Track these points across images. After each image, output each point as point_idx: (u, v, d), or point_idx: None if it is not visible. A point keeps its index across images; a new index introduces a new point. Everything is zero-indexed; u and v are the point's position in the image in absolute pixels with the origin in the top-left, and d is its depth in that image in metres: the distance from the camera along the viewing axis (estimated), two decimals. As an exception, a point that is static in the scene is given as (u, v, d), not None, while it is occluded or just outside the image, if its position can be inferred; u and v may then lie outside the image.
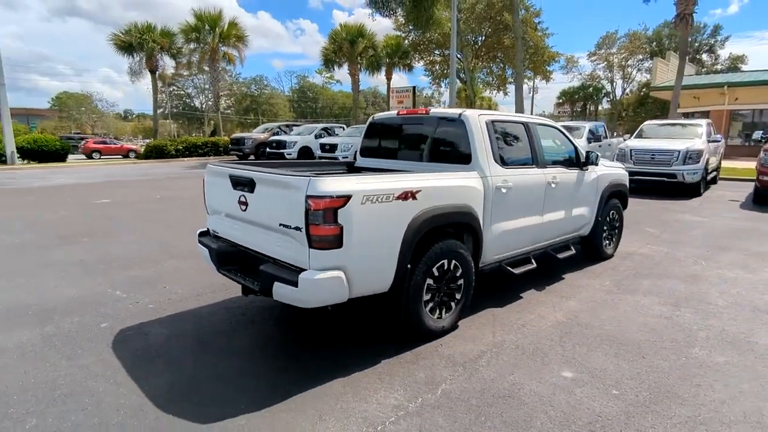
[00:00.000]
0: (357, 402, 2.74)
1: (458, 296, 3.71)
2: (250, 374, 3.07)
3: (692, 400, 2.75)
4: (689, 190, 11.02)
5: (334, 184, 2.82)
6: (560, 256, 4.89)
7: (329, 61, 31.25)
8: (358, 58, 30.81)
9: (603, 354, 3.34)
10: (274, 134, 23.98)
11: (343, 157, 17.74)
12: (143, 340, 3.56)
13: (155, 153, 24.14)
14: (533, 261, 4.49)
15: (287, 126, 24.95)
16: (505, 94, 35.01)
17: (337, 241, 2.83)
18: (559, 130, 5.01)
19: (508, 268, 4.25)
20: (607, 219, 5.61)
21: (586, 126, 14.05)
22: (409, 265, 3.24)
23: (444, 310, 3.62)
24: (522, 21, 27.11)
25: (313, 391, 2.85)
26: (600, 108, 61.20)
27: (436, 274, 3.48)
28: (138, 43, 25.10)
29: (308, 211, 2.78)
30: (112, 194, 11.57)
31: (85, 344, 3.47)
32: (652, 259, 5.76)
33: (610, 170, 5.56)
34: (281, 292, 2.92)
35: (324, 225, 2.78)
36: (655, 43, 51.26)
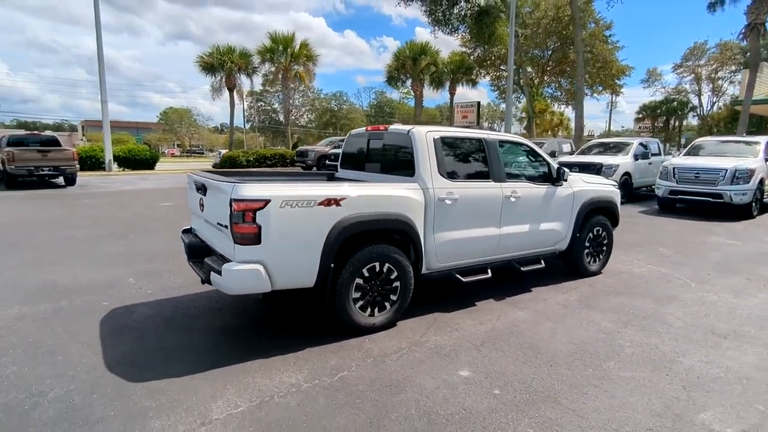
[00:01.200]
0: (262, 378, 3.14)
1: (393, 297, 3.99)
2: (193, 350, 3.58)
3: (566, 406, 2.84)
4: (739, 213, 10.15)
5: (254, 190, 3.28)
6: (524, 269, 4.95)
7: (392, 78, 32.18)
8: (421, 74, 31.38)
9: (512, 360, 3.46)
10: (335, 147, 25.14)
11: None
12: (127, 317, 4.23)
13: (228, 163, 26.26)
14: (489, 272, 4.63)
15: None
16: (574, 109, 33.70)
17: (256, 239, 3.28)
18: (530, 147, 5.10)
19: (458, 276, 4.44)
20: (590, 236, 5.53)
21: (634, 143, 13.37)
22: (332, 265, 3.60)
23: (377, 308, 3.92)
24: (590, 35, 26.25)
25: (233, 367, 3.30)
26: (685, 123, 56.54)
27: (367, 274, 3.81)
28: (219, 64, 27.68)
29: (232, 212, 3.26)
30: (175, 198, 12.96)
31: (83, 317, 4.20)
32: (640, 279, 5.57)
33: (590, 187, 5.50)
34: (214, 280, 3.42)
35: (243, 224, 3.25)
36: (749, 54, 46.55)
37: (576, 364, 3.39)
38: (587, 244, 5.54)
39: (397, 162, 4.47)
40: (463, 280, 4.45)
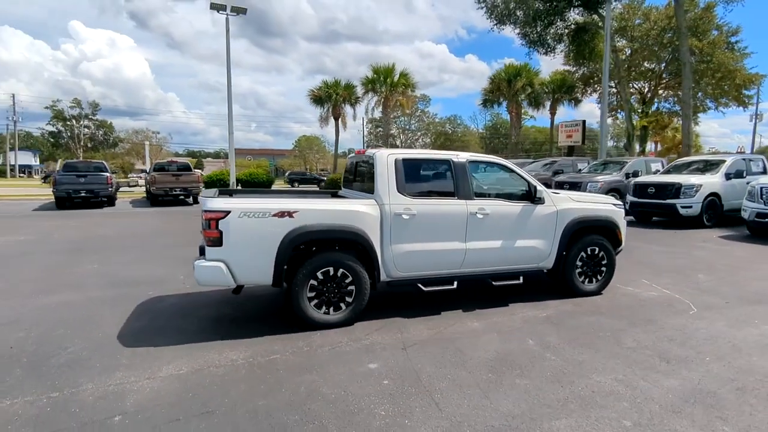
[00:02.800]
0: (214, 353, 3.87)
1: (349, 299, 4.49)
2: (181, 330, 4.45)
3: (436, 398, 3.09)
4: None
5: (217, 203, 4.09)
6: (496, 283, 5.07)
7: (487, 100, 32.06)
8: (515, 96, 30.81)
9: (427, 360, 3.73)
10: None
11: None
12: (157, 303, 5.31)
13: (332, 185, 28.51)
14: (454, 284, 4.87)
15: None
16: (696, 123, 30.12)
17: (218, 242, 4.07)
18: (509, 168, 5.24)
19: (420, 285, 4.77)
20: (582, 255, 5.39)
21: (728, 160, 11.83)
22: (286, 267, 4.24)
23: (332, 308, 4.45)
24: (709, 43, 23.61)
25: (199, 344, 4.07)
26: None
27: (321, 277, 4.37)
28: (326, 96, 30.42)
29: (202, 220, 4.10)
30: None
31: (129, 302, 5.37)
32: (638, 302, 5.25)
33: (578, 205, 5.37)
34: (194, 274, 4.28)
35: (209, 230, 4.06)
36: None
37: (481, 369, 3.56)
38: (579, 263, 5.41)
39: (367, 181, 4.99)
40: (424, 289, 4.77)
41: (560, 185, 14.53)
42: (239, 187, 27.80)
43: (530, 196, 5.14)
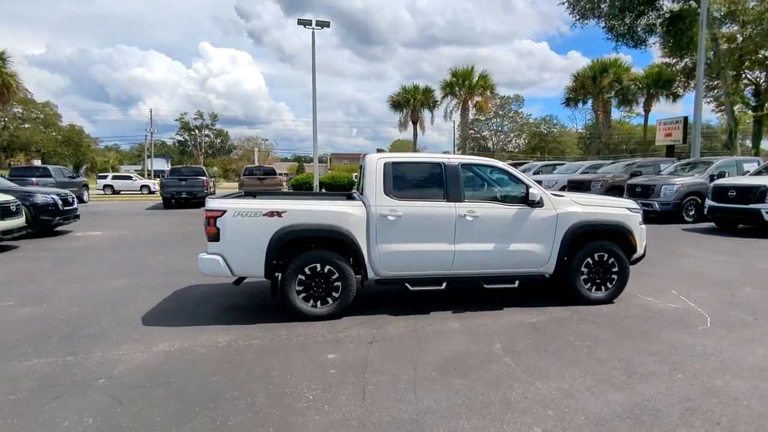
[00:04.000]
0: (207, 335, 4.36)
1: (336, 295, 4.75)
2: (194, 314, 5.03)
3: (368, 394, 3.23)
4: None
5: (215, 203, 4.60)
6: (487, 286, 4.99)
7: (570, 99, 30.13)
8: (601, 93, 28.55)
9: (384, 354, 3.87)
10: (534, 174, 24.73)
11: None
12: (189, 291, 6.01)
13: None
14: (443, 285, 4.91)
15: (548, 165, 23.45)
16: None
17: (216, 238, 4.57)
18: (505, 170, 5.13)
19: (407, 284, 4.88)
20: (589, 261, 5.08)
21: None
22: (275, 262, 4.62)
23: (319, 301, 4.74)
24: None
25: (201, 326, 4.60)
26: None
27: (308, 273, 4.69)
28: (404, 101, 30.89)
29: (204, 218, 4.64)
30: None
31: (168, 288, 6.14)
32: (646, 313, 4.82)
33: (581, 209, 5.05)
34: (199, 266, 4.84)
35: (209, 227, 4.58)
36: None
37: (428, 367, 3.60)
38: (584, 269, 5.10)
39: (360, 183, 5.20)
40: (410, 288, 4.87)
41: (632, 189, 13.37)
42: (319, 190, 29.25)
43: (527, 199, 4.98)
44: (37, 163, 45.27)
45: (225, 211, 4.56)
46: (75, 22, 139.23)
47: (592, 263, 5.12)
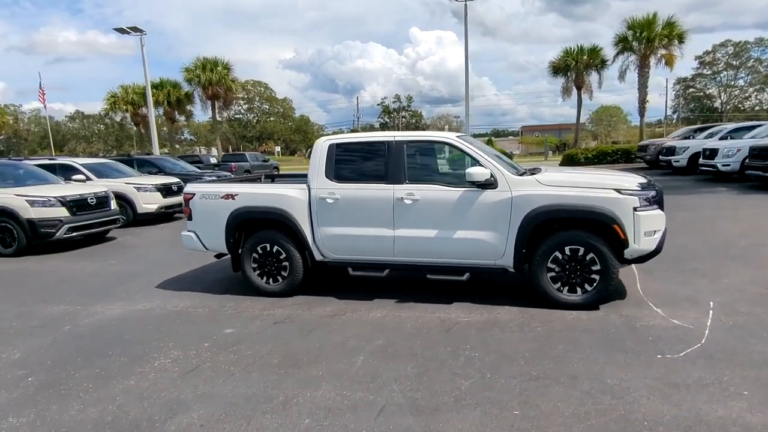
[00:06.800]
0: (175, 300, 5.06)
1: (285, 274, 4.93)
2: (196, 282, 5.83)
3: (213, 367, 3.40)
4: None
5: (189, 187, 5.21)
6: (431, 276, 4.45)
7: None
8: None
9: (278, 334, 3.95)
10: (684, 138, 20.24)
11: (723, 165, 13.88)
12: (221, 262, 6.91)
13: (567, 161, 25.82)
14: (384, 272, 4.60)
15: (741, 128, 18.11)
16: None
17: (190, 217, 5.20)
18: (457, 147, 4.39)
19: (350, 269, 4.74)
20: (558, 256, 4.03)
21: None
22: (232, 240, 5.02)
23: (272, 279, 4.99)
24: None
25: (183, 292, 5.35)
26: None
27: (260, 251, 4.97)
28: (564, 66, 27.26)
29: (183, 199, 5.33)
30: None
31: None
32: (624, 331, 3.58)
33: (545, 191, 3.95)
34: (186, 242, 5.56)
35: (186, 207, 5.24)
36: None
37: (299, 352, 3.55)
38: (552, 265, 4.07)
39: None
40: (351, 272, 4.71)
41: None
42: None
43: (474, 180, 4.19)
44: (278, 149, 56.64)
45: (194, 194, 5.15)
46: (315, 27, 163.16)
47: (564, 259, 4.05)
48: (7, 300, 5.33)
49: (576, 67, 27.24)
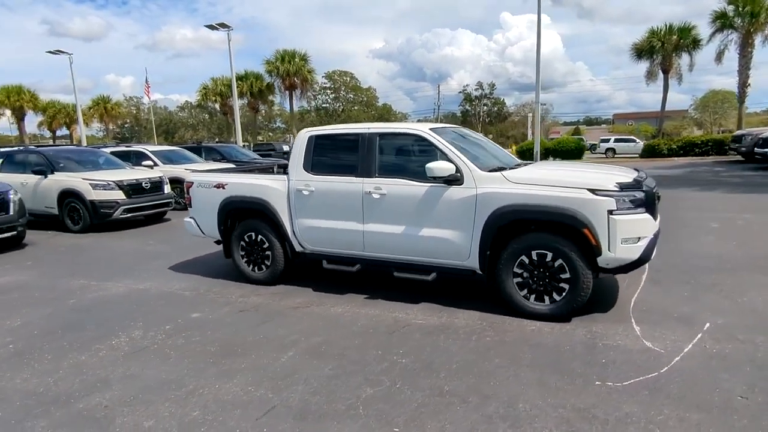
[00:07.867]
0: (171, 282, 5.39)
1: (267, 263, 5.02)
2: (198, 266, 6.16)
3: (157, 352, 3.58)
4: None
5: (189, 176, 5.47)
6: (397, 274, 4.26)
7: None
8: None
9: (240, 323, 4.02)
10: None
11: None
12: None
13: (647, 152, 23.33)
14: (354, 267, 4.50)
15: None
16: None
17: (190, 204, 5.48)
18: (426, 140, 4.10)
19: (324, 261, 4.70)
20: (524, 260, 3.62)
21: None
22: (222, 227, 5.20)
23: (257, 267, 5.10)
24: None
25: (180, 274, 5.67)
26: None
27: (247, 240, 5.10)
28: (649, 49, 24.28)
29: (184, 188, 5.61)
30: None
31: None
32: (580, 350, 3.14)
33: (513, 189, 3.53)
34: (188, 228, 5.85)
35: (187, 195, 5.52)
36: None
37: (247, 343, 3.59)
38: (518, 270, 3.68)
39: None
40: (325, 265, 4.66)
41: None
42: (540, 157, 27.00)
43: (437, 175, 3.88)
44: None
45: (193, 183, 5.40)
46: (405, 16, 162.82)
47: (530, 263, 3.64)
48: (48, 272, 6.03)
49: (663, 48, 24.23)
